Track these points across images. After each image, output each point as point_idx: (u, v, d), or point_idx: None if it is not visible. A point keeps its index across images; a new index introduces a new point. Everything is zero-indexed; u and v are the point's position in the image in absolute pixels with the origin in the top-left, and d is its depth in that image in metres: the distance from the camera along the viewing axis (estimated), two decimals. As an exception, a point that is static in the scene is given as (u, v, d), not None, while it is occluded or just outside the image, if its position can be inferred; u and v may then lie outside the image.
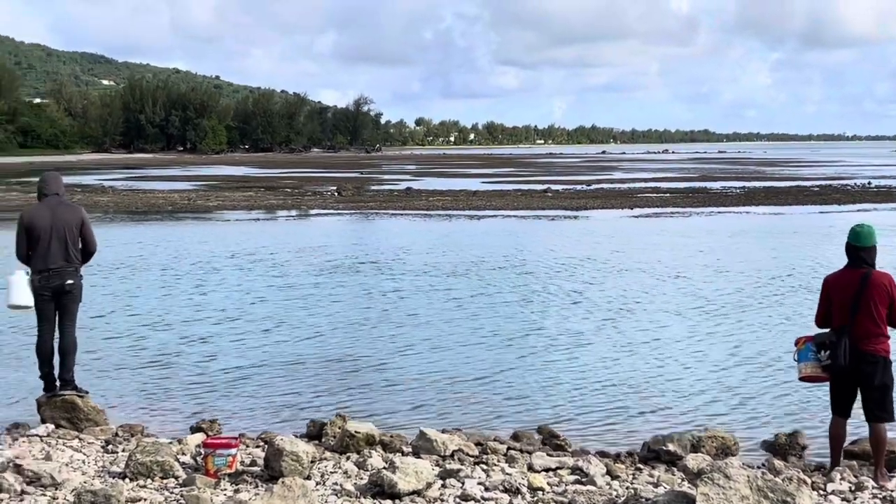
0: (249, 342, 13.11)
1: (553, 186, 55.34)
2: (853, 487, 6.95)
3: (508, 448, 8.07)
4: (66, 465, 7.06)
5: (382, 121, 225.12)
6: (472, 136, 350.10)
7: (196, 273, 19.98)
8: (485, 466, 7.33)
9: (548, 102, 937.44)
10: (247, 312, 15.35)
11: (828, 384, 7.53)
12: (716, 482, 5.81)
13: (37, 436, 8.18)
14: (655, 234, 28.88)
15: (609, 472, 7.20)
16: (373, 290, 17.66)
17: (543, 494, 6.54)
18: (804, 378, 7.58)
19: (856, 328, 7.16)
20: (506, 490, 6.60)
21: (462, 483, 6.74)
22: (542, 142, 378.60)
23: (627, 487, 6.82)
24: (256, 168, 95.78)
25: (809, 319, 7.81)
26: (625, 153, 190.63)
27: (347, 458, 7.44)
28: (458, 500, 6.41)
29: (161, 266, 20.96)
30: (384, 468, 6.70)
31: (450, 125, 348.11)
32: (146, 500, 6.23)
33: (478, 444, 8.07)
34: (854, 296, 7.17)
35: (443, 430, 8.37)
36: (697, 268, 20.84)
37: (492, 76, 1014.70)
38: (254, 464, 7.19)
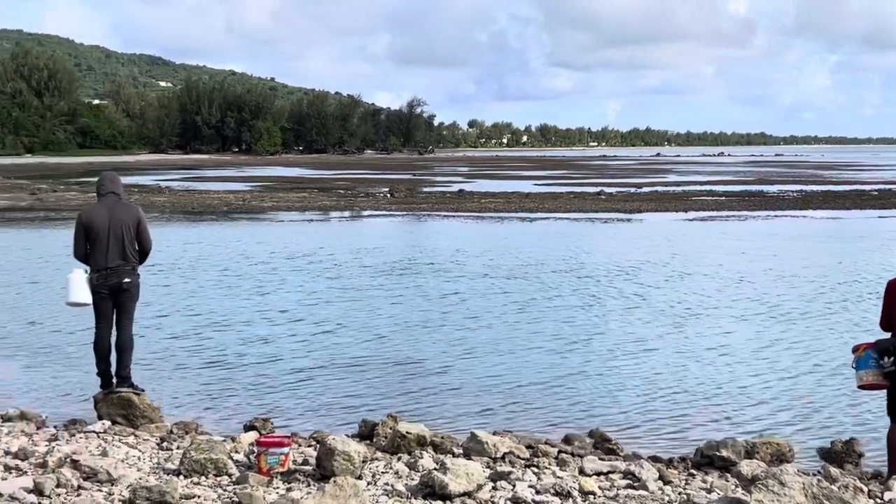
0: (310, 343, 13.14)
1: (606, 189, 54.93)
2: (913, 497, 6.78)
3: (559, 451, 8.00)
4: (122, 462, 7.15)
5: (435, 123, 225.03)
6: (525, 139, 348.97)
7: (255, 274, 20.15)
8: (536, 469, 7.27)
9: (601, 104, 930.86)
10: (307, 313, 15.41)
11: (884, 392, 7.38)
12: (770, 489, 5.71)
13: (93, 432, 8.29)
14: (713, 238, 28.57)
15: (661, 477, 7.11)
16: (431, 293, 17.67)
17: (595, 498, 6.48)
18: (864, 386, 7.43)
19: (919, 334, 7.02)
20: (557, 493, 6.54)
21: (513, 485, 6.70)
22: (596, 144, 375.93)
23: (680, 493, 6.73)
24: (310, 169, 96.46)
25: (876, 325, 7.66)
26: (679, 156, 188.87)
27: (398, 459, 7.44)
28: (509, 503, 6.38)
29: (220, 267, 21.20)
30: (435, 469, 6.68)
31: (502, 127, 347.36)
32: (200, 497, 6.29)
33: (529, 447, 8.02)
34: (917, 301, 7.03)
35: (493, 433, 8.34)
36: (759, 272, 20.53)
37: (545, 78, 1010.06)
38: (306, 463, 7.22)
